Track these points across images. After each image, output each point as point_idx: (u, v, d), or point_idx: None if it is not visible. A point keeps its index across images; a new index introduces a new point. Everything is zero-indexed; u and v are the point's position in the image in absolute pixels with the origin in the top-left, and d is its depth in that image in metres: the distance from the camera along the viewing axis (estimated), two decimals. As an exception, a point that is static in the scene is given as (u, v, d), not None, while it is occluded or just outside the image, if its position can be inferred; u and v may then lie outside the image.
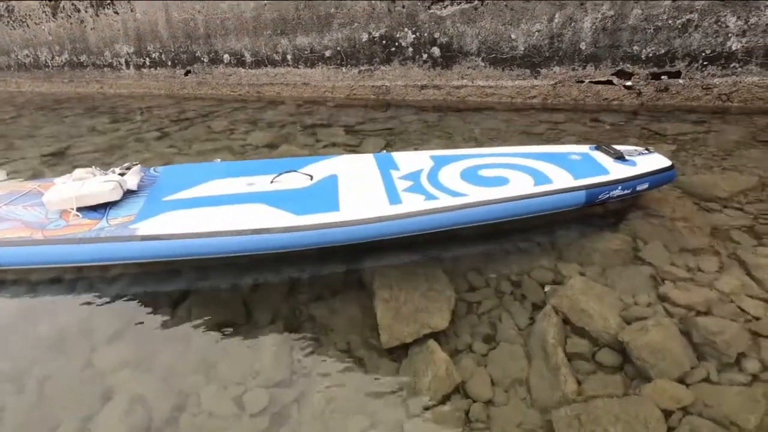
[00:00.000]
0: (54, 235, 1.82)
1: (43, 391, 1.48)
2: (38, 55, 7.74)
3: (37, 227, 1.88)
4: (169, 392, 1.46)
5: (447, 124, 3.99)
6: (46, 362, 1.57)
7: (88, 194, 1.91)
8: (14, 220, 1.94)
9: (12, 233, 1.85)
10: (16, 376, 1.51)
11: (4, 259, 1.82)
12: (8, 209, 2.03)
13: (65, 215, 1.92)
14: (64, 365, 1.56)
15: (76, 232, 1.83)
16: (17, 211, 2.00)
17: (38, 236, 1.81)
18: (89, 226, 1.85)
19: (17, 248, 1.80)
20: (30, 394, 1.47)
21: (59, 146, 4.11)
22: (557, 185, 2.01)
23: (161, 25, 6.19)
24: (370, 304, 1.71)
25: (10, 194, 2.17)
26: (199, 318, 1.74)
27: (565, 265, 1.84)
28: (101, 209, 1.95)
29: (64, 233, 1.83)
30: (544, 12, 4.05)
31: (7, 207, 2.05)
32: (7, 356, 1.60)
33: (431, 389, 1.33)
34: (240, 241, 1.75)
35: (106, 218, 1.89)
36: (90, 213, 1.93)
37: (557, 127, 3.61)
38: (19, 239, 1.82)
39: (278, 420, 1.34)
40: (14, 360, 1.59)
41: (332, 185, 2.10)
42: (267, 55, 5.68)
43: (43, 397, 1.46)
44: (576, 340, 1.47)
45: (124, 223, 1.85)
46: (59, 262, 1.85)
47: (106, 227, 1.83)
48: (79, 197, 1.89)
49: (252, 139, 3.94)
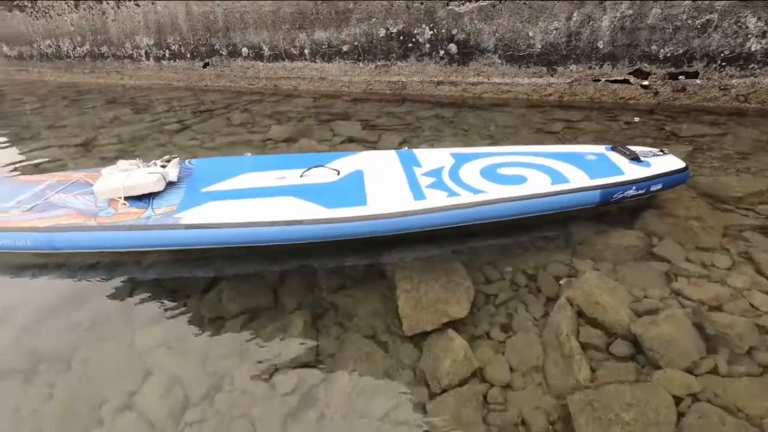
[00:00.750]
0: (106, 222, 1.95)
1: (87, 369, 1.58)
2: (60, 46, 7.91)
3: (90, 214, 2.00)
4: (203, 372, 1.55)
5: (463, 120, 4.04)
6: (90, 343, 1.68)
7: (135, 185, 2.04)
8: (67, 207, 2.07)
9: (67, 219, 1.99)
10: (64, 356, 1.62)
11: (62, 243, 1.96)
12: (59, 197, 2.16)
13: (113, 204, 2.05)
14: (107, 346, 1.67)
15: (125, 219, 1.95)
16: (68, 200, 2.13)
17: (92, 223, 1.94)
18: (137, 214, 1.97)
19: (74, 233, 1.93)
20: (76, 372, 1.57)
21: (85, 137, 4.25)
22: (573, 184, 2.07)
23: (181, 18, 6.30)
24: (391, 295, 1.80)
25: (59, 183, 2.30)
26: (230, 303, 1.83)
27: (579, 260, 1.91)
28: (146, 199, 2.07)
29: (115, 221, 1.95)
30: (563, 10, 4.07)
31: (58, 195, 2.18)
32: (55, 336, 1.71)
33: (451, 373, 1.41)
34: (275, 232, 1.86)
35: (152, 207, 2.01)
36: (136, 202, 2.05)
37: (573, 125, 3.64)
38: (75, 225, 1.95)
39: (306, 400, 1.43)
40: (61, 340, 1.69)
41: (359, 180, 2.18)
42: (285, 49, 5.76)
43: (89, 374, 1.56)
44: (589, 331, 1.55)
45: (168, 212, 1.97)
46: (111, 247, 1.99)
47: (152, 216, 1.95)
48: (126, 187, 2.02)
49: (272, 133, 4.03)
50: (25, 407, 1.45)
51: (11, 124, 5.05)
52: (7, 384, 1.51)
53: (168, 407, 1.42)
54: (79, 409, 1.44)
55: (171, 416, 1.39)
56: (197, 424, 1.37)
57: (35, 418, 1.41)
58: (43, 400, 1.46)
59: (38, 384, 1.51)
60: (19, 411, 1.43)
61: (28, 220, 1.99)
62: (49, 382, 1.53)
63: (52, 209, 2.07)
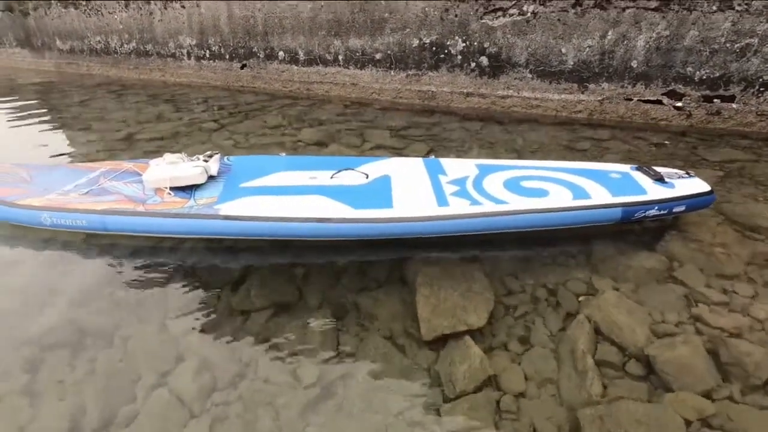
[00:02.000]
0: (153, 209, 2.13)
1: (126, 347, 1.70)
2: (108, 42, 8.32)
3: (139, 201, 2.19)
4: (231, 359, 1.65)
5: (490, 133, 4.09)
6: (130, 323, 1.81)
7: (181, 176, 2.21)
8: (118, 193, 2.26)
9: (118, 205, 2.17)
10: (107, 333, 1.75)
11: (114, 225, 2.15)
12: (111, 184, 2.35)
13: (159, 193, 2.22)
14: (145, 327, 1.79)
15: (170, 207, 2.12)
16: (119, 186, 2.32)
17: (140, 209, 2.12)
18: (181, 203, 2.13)
19: (124, 217, 2.12)
20: (116, 349, 1.69)
21: (128, 131, 4.49)
22: (595, 201, 2.11)
23: (223, 21, 6.56)
24: (411, 299, 1.86)
25: (111, 171, 2.50)
26: (257, 297, 1.94)
27: (599, 278, 1.94)
28: (188, 190, 2.24)
29: (161, 208, 2.12)
30: (597, 28, 4.07)
31: (110, 182, 2.37)
32: (99, 315, 1.85)
33: (466, 379, 1.46)
34: (306, 227, 1.98)
35: (194, 198, 2.16)
36: (180, 192, 2.22)
37: (601, 144, 3.64)
38: (126, 210, 2.14)
39: (326, 392, 1.50)
40: (105, 319, 1.83)
41: (386, 184, 2.28)
42: (319, 54, 5.92)
43: (127, 352, 1.68)
44: (605, 349, 1.58)
45: (209, 203, 2.12)
46: (157, 232, 2.16)
47: (194, 206, 2.11)
48: (173, 178, 2.20)
49: (302, 135, 4.16)
50: (70, 378, 1.57)
51: (62, 115, 5.37)
52: (56, 356, 1.65)
53: (197, 388, 1.52)
54: (117, 384, 1.56)
55: (200, 397, 1.49)
56: (223, 406, 1.47)
57: (78, 389, 1.53)
58: (85, 373, 1.59)
59: (82, 358, 1.65)
60: (64, 382, 1.56)
61: (85, 203, 2.18)
62: (92, 356, 1.66)
63: (105, 194, 2.26)
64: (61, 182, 2.45)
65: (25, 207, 2.22)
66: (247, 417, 1.43)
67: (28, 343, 1.70)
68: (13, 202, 2.26)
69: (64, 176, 2.54)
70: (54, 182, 2.47)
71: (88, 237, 2.35)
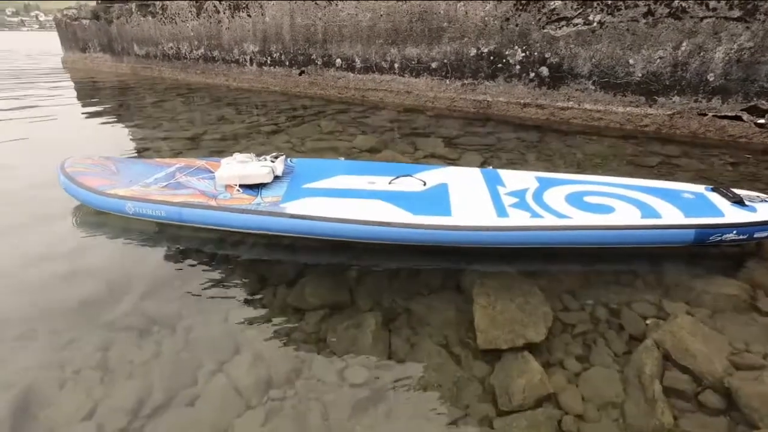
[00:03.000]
0: (224, 204, 2.26)
1: (189, 335, 1.79)
2: (180, 48, 8.91)
3: (211, 196, 2.33)
4: (285, 355, 1.69)
5: (547, 145, 3.97)
6: (193, 313, 1.89)
7: (250, 175, 2.34)
8: (192, 188, 2.41)
9: (192, 198, 2.32)
10: (172, 321, 1.85)
11: (189, 217, 2.30)
12: (186, 179, 2.52)
13: (229, 189, 2.35)
14: (206, 317, 1.87)
15: (239, 204, 2.24)
16: (193, 182, 2.48)
17: (212, 203, 2.25)
18: (248, 200, 2.24)
19: (198, 210, 2.26)
20: (179, 337, 1.77)
21: (195, 131, 4.76)
22: (665, 220, 1.98)
23: (285, 29, 6.85)
24: (466, 308, 1.83)
25: (186, 167, 2.68)
26: (311, 296, 1.97)
27: (670, 302, 1.81)
28: (256, 188, 2.35)
29: (231, 204, 2.25)
30: (671, 39, 3.86)
31: (185, 177, 2.54)
32: (166, 303, 1.96)
33: (524, 394, 1.41)
34: (365, 230, 2.01)
35: (261, 196, 2.27)
36: (248, 190, 2.34)
37: (670, 160, 3.43)
38: (200, 203, 2.28)
39: (375, 395, 1.49)
40: (171, 307, 1.93)
41: (444, 192, 2.27)
42: (376, 62, 6.03)
43: (189, 340, 1.76)
44: (676, 377, 1.46)
45: (275, 201, 2.22)
46: (227, 225, 2.29)
47: (261, 203, 2.21)
48: (242, 176, 2.33)
49: (356, 142, 4.24)
50: (138, 359, 1.67)
51: (137, 115, 5.80)
52: (128, 337, 1.76)
53: (254, 380, 1.56)
54: (180, 368, 1.63)
55: (256, 389, 1.53)
56: (278, 400, 1.49)
57: (145, 370, 1.62)
58: (152, 356, 1.68)
59: (150, 341, 1.74)
60: (133, 362, 1.66)
61: (164, 195, 2.35)
62: (158, 341, 1.75)
63: (181, 188, 2.42)
64: (142, 175, 2.66)
65: (113, 196, 2.43)
66: (299, 413, 1.45)
67: (104, 325, 1.83)
68: (103, 191, 2.48)
69: (144, 170, 2.74)
70: (136, 175, 2.68)
71: (159, 228, 2.51)
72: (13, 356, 1.67)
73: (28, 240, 2.49)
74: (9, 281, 2.12)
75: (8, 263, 2.26)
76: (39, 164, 3.64)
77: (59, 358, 1.65)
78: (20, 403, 1.45)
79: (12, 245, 2.43)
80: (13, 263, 2.26)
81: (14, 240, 2.49)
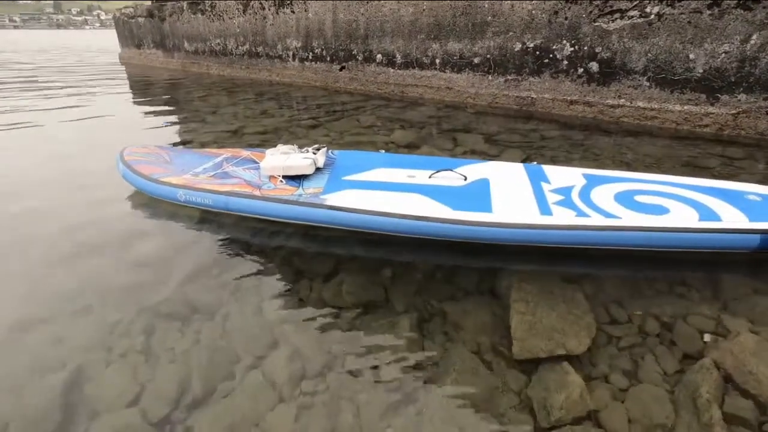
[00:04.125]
0: (268, 194, 2.32)
1: (226, 325, 1.82)
2: (226, 44, 9.18)
3: (255, 186, 2.41)
4: (320, 351, 1.69)
5: (594, 144, 3.78)
6: (231, 303, 1.93)
7: (293, 166, 2.39)
8: (238, 178, 2.49)
9: (238, 187, 2.40)
10: (211, 310, 1.89)
11: (234, 206, 2.38)
12: (233, 169, 2.60)
13: (273, 180, 2.41)
14: (243, 309, 1.90)
15: (282, 194, 2.30)
16: (239, 172, 2.57)
17: (257, 193, 2.32)
18: (291, 191, 2.29)
19: (243, 200, 2.33)
20: (217, 327, 1.82)
21: (238, 124, 4.89)
22: (727, 224, 1.83)
23: (327, 25, 6.89)
24: (502, 313, 1.76)
25: (233, 157, 2.77)
26: (347, 294, 1.97)
27: (732, 318, 1.66)
28: (297, 179, 2.39)
29: (275, 194, 2.31)
30: (738, 31, 3.56)
31: (231, 167, 2.62)
32: (206, 292, 2.01)
33: (564, 409, 1.34)
34: (404, 224, 1.99)
35: (302, 187, 2.31)
36: (290, 181, 2.39)
37: (733, 163, 3.17)
38: (245, 193, 2.35)
39: (408, 397, 1.47)
40: (210, 296, 1.98)
41: (485, 188, 2.21)
42: (416, 57, 5.95)
43: (226, 332, 1.80)
44: (737, 402, 1.34)
45: (316, 193, 2.25)
46: (270, 215, 2.34)
47: (303, 194, 2.25)
48: (285, 167, 2.38)
49: (395, 137, 4.20)
50: (179, 347, 1.72)
51: (185, 109, 6.04)
52: (170, 325, 1.82)
53: (288, 374, 1.58)
54: (218, 359, 1.66)
55: (291, 383, 1.54)
56: (311, 395, 1.50)
57: (185, 357, 1.67)
58: (192, 344, 1.73)
59: (191, 330, 1.79)
60: (174, 349, 1.72)
61: (212, 184, 2.44)
62: (198, 330, 1.80)
63: (228, 178, 2.50)
64: (192, 164, 2.77)
65: (166, 184, 2.56)
66: (331, 409, 1.45)
67: (148, 308, 1.91)
68: (157, 179, 2.61)
69: (194, 159, 2.86)
70: (187, 164, 2.80)
71: (202, 217, 2.59)
72: (71, 333, 1.76)
73: (84, 221, 2.66)
74: (69, 258, 2.28)
75: (67, 242, 2.43)
76: (103, 146, 3.87)
77: (109, 339, 1.73)
78: (73, 381, 1.54)
79: (69, 227, 2.59)
80: (72, 242, 2.43)
81: (72, 221, 2.66)
